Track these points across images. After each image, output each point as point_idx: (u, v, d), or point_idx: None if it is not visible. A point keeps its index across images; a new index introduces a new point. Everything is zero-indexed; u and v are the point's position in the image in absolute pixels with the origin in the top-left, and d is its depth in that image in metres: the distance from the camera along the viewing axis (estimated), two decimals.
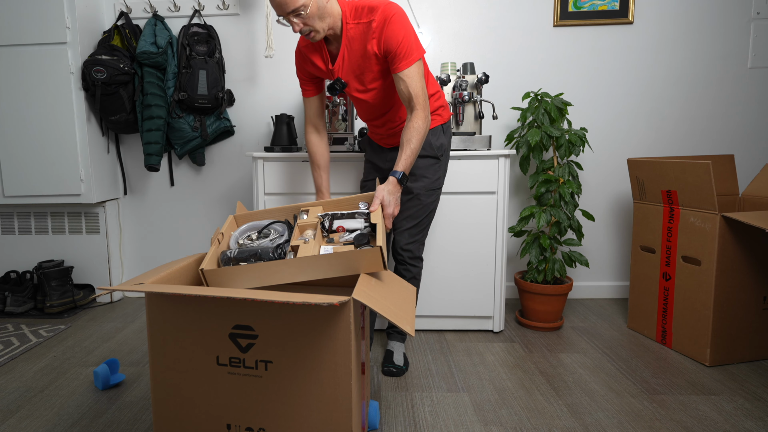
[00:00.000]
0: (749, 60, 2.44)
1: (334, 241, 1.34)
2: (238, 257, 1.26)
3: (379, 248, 1.18)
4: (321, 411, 1.08)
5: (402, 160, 1.48)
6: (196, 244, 2.69)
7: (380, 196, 1.43)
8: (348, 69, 1.57)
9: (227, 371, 1.11)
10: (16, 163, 2.37)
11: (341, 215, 1.41)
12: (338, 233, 1.38)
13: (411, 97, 1.49)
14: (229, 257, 1.27)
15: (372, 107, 1.65)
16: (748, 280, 1.80)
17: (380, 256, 1.19)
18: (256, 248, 1.27)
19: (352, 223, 1.38)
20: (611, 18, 2.43)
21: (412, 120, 1.48)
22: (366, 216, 1.39)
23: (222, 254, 1.30)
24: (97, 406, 1.57)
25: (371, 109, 1.66)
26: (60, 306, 2.41)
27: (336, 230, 1.38)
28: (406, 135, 1.48)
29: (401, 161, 1.48)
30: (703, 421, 1.45)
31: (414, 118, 1.49)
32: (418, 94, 1.49)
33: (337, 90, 1.58)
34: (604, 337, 2.08)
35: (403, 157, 1.48)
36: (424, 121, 1.49)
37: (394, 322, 1.05)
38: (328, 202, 1.49)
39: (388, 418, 1.50)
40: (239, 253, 1.27)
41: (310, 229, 1.37)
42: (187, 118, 2.44)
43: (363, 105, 1.66)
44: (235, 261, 1.27)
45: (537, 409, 1.53)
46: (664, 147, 2.53)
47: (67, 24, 2.27)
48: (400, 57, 1.46)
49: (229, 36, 2.52)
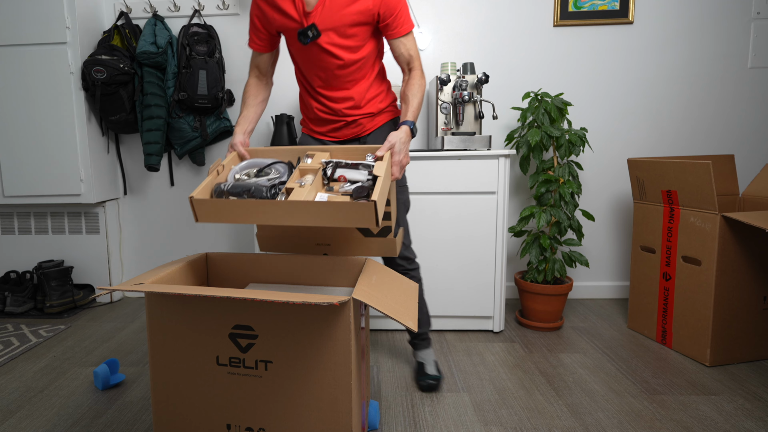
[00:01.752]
0: (749, 60, 2.44)
1: (333, 190, 1.28)
2: (231, 191, 1.24)
3: (373, 203, 1.10)
4: (321, 411, 1.08)
5: (411, 111, 1.44)
6: (196, 244, 2.69)
7: (392, 141, 1.35)
8: (327, 17, 1.43)
9: (227, 371, 1.11)
10: (16, 163, 2.37)
11: (345, 164, 1.33)
12: (339, 182, 1.31)
13: (412, 58, 1.50)
14: (222, 190, 1.25)
15: (339, 70, 1.50)
16: (749, 280, 1.79)
17: (373, 211, 1.11)
18: (251, 185, 1.24)
19: (355, 174, 1.30)
20: (611, 18, 2.43)
21: (414, 78, 1.48)
22: (371, 168, 1.31)
23: (216, 186, 1.28)
24: (97, 406, 1.57)
25: (336, 74, 1.51)
26: (60, 306, 2.41)
27: (337, 179, 1.31)
28: (411, 90, 1.47)
29: (410, 112, 1.44)
30: (703, 421, 1.45)
31: (416, 76, 1.49)
32: (418, 56, 1.51)
33: (308, 38, 1.44)
34: (604, 337, 2.08)
35: (411, 109, 1.45)
36: (424, 80, 1.51)
37: (396, 319, 1.05)
38: (337, 149, 1.41)
39: (388, 418, 1.50)
40: (233, 187, 1.24)
41: (310, 174, 1.31)
42: (187, 118, 2.44)
43: (327, 65, 1.50)
44: (227, 195, 1.23)
45: (537, 409, 1.53)
46: (664, 147, 2.52)
47: (67, 24, 2.27)
48: (401, 21, 1.47)
49: (229, 36, 2.52)
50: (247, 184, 1.24)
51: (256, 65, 1.60)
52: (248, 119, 1.54)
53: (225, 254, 1.43)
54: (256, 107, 1.57)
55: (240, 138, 1.48)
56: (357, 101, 1.55)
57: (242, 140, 1.48)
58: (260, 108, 1.59)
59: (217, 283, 1.45)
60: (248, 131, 1.52)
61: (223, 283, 1.45)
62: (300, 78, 1.60)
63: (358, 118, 1.57)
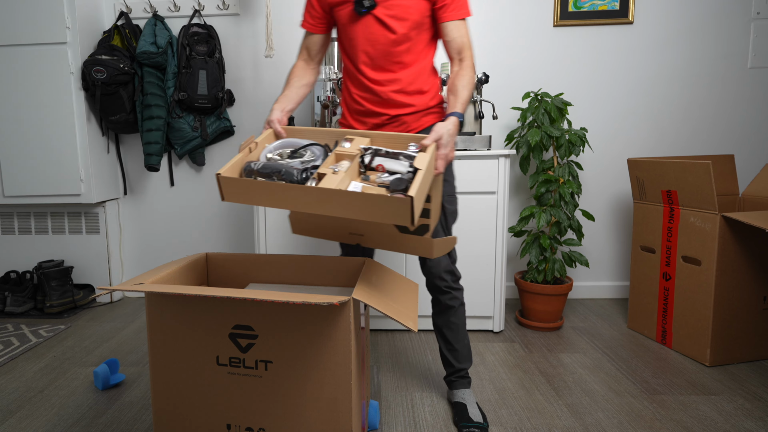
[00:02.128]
0: (749, 60, 2.44)
1: (369, 180, 1.19)
2: (261, 171, 1.16)
3: (409, 199, 1.00)
4: (321, 411, 1.08)
5: (460, 102, 1.32)
6: (196, 244, 2.69)
7: (439, 132, 1.23)
8: None
9: (227, 371, 1.11)
10: (16, 163, 2.37)
11: (385, 153, 1.23)
12: (376, 172, 1.21)
13: (463, 48, 1.37)
14: (251, 169, 1.18)
15: (391, 46, 1.39)
16: (749, 280, 1.79)
17: (409, 208, 1.01)
18: (282, 166, 1.15)
19: (394, 164, 1.20)
20: (611, 18, 2.43)
21: (465, 68, 1.36)
22: (413, 160, 1.20)
23: (246, 164, 1.20)
24: (97, 406, 1.57)
25: (387, 50, 1.39)
26: (60, 306, 2.41)
27: (375, 168, 1.21)
28: (461, 81, 1.34)
29: (459, 103, 1.32)
30: (703, 421, 1.45)
31: (467, 67, 1.36)
32: (470, 46, 1.39)
33: (364, 8, 1.36)
34: (604, 337, 2.08)
35: (460, 101, 1.32)
36: (475, 73, 1.39)
37: (397, 320, 1.05)
38: (379, 136, 1.30)
39: (388, 418, 1.50)
40: (263, 167, 1.17)
41: (346, 160, 1.22)
42: (187, 118, 2.44)
43: (378, 39, 1.39)
44: (259, 174, 1.16)
45: (537, 409, 1.53)
46: (664, 147, 2.52)
47: (67, 24, 2.27)
48: (459, 4, 1.37)
49: (229, 36, 2.52)
50: (277, 165, 1.16)
51: (306, 47, 1.51)
52: (289, 98, 1.43)
53: (225, 254, 1.43)
54: (299, 89, 1.47)
55: (278, 115, 1.37)
56: (403, 85, 1.41)
57: (279, 117, 1.37)
58: (303, 91, 1.48)
59: (217, 283, 1.45)
60: (287, 110, 1.41)
61: (223, 283, 1.45)
62: (346, 63, 1.48)
63: (403, 112, 1.43)
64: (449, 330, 1.53)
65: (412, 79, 1.42)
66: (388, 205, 1.02)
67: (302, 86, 1.48)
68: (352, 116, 1.50)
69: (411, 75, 1.41)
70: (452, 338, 1.54)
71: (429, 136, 1.22)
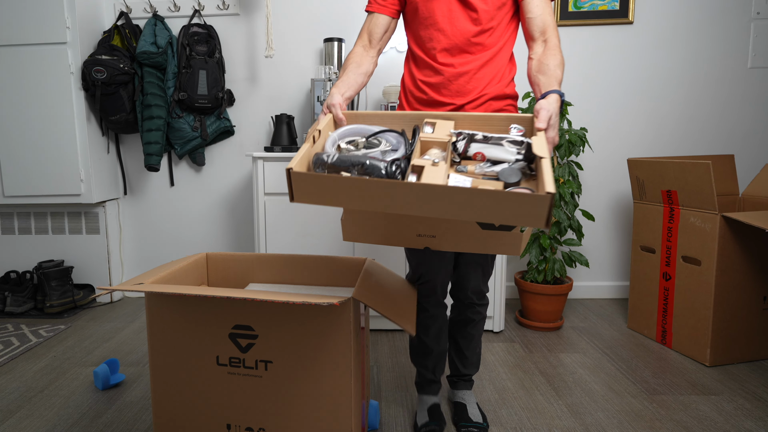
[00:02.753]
0: (749, 60, 2.44)
1: (467, 171, 1.02)
2: (338, 164, 0.98)
3: (549, 197, 0.82)
4: (321, 411, 1.08)
5: (555, 81, 1.15)
6: (196, 244, 2.69)
7: (550, 111, 1.05)
8: None
9: (227, 371, 1.11)
10: (16, 163, 2.37)
11: (483, 138, 1.04)
12: (474, 162, 1.04)
13: (547, 27, 1.22)
14: (324, 161, 1.00)
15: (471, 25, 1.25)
16: (748, 280, 1.79)
17: (547, 207, 0.83)
18: (362, 157, 0.98)
19: (498, 152, 1.02)
20: (611, 18, 2.43)
21: (552, 50, 1.19)
22: (520, 146, 1.02)
23: (316, 156, 1.02)
24: (97, 406, 1.57)
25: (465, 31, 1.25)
26: (60, 306, 2.41)
27: (472, 157, 1.05)
28: (551, 59, 1.17)
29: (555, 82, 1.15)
30: (704, 421, 1.45)
31: (554, 46, 1.19)
32: (555, 27, 1.23)
33: None
34: (604, 337, 2.08)
35: (554, 79, 1.16)
36: (563, 59, 1.21)
37: (396, 322, 1.05)
38: (464, 118, 1.13)
39: (388, 418, 1.50)
40: (339, 160, 0.99)
41: (436, 148, 1.06)
42: (187, 118, 2.44)
43: (457, 18, 1.26)
44: (334, 168, 0.99)
45: (537, 409, 1.53)
46: (664, 147, 2.52)
47: (67, 24, 2.27)
48: None
49: (229, 36, 2.52)
50: (357, 158, 0.98)
51: (368, 31, 1.35)
52: (348, 84, 1.27)
53: (225, 254, 1.43)
54: (358, 76, 1.30)
55: (338, 99, 1.19)
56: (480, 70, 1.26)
57: (341, 102, 1.19)
58: (361, 79, 1.31)
59: (217, 283, 1.45)
60: (347, 97, 1.25)
61: (223, 283, 1.45)
62: (412, 47, 1.34)
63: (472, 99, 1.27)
64: (463, 339, 1.49)
65: (491, 63, 1.27)
66: (520, 205, 0.83)
67: (361, 74, 1.31)
68: (411, 107, 1.35)
69: (489, 59, 1.26)
70: (464, 346, 1.50)
71: (540, 116, 1.04)
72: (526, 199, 0.82)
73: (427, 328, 1.44)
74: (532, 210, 0.84)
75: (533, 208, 0.83)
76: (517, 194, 0.83)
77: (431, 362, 1.47)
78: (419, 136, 1.06)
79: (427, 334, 1.45)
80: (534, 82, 1.19)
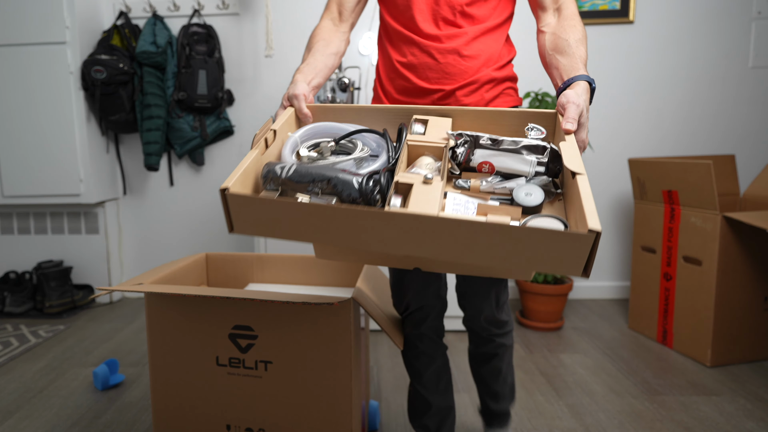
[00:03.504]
0: (750, 59, 2.44)
1: (470, 188, 0.77)
2: (296, 179, 0.72)
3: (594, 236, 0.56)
4: (321, 411, 1.08)
5: (580, 62, 0.90)
6: (196, 244, 2.68)
7: (579, 105, 0.81)
8: None
9: (227, 371, 1.11)
10: (15, 163, 2.36)
11: (492, 142, 0.78)
12: (479, 175, 0.80)
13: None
14: (277, 175, 0.73)
15: None
16: (749, 280, 1.79)
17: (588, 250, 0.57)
18: (328, 169, 0.73)
19: (511, 161, 0.77)
20: (611, 18, 2.42)
21: (569, 20, 0.96)
22: (541, 153, 0.76)
23: (267, 168, 0.75)
24: (97, 407, 1.57)
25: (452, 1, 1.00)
26: (59, 306, 2.41)
27: (477, 168, 0.80)
28: (571, 35, 0.93)
29: (580, 63, 0.90)
30: (704, 421, 1.45)
31: (570, 18, 0.96)
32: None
33: None
34: (604, 338, 2.08)
35: (579, 60, 0.91)
36: (583, 26, 0.97)
37: (386, 332, 1.04)
38: (465, 113, 0.87)
39: (388, 418, 1.49)
40: (297, 173, 0.73)
41: (429, 156, 0.80)
42: (187, 118, 2.44)
43: None
44: (290, 185, 0.73)
45: (537, 410, 1.53)
46: (665, 147, 2.52)
47: (66, 23, 2.26)
48: None
49: (228, 36, 2.52)
50: (322, 169, 0.73)
51: (338, 2, 1.10)
52: (315, 69, 1.00)
53: (225, 254, 1.43)
54: (327, 58, 1.04)
55: (303, 88, 0.93)
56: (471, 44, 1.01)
57: (306, 92, 0.94)
58: (332, 61, 1.05)
59: (217, 283, 1.45)
60: (315, 85, 0.99)
61: (223, 283, 1.44)
62: (387, 21, 1.07)
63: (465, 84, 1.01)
64: (490, 374, 1.19)
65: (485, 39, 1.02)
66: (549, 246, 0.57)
67: (330, 55, 1.05)
68: (389, 98, 1.07)
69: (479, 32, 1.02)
70: (492, 380, 1.20)
71: (568, 113, 0.80)
72: (560, 238, 0.56)
73: (420, 375, 1.15)
74: (567, 253, 0.57)
75: (568, 251, 0.57)
76: (545, 232, 0.56)
77: (432, 422, 1.17)
78: (406, 139, 0.81)
79: (421, 382, 1.15)
80: (550, 63, 0.94)
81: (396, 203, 0.69)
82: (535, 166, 0.76)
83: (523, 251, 0.59)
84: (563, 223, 0.63)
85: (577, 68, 0.89)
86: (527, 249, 0.59)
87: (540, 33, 0.99)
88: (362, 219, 0.63)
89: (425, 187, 0.70)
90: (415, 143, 0.80)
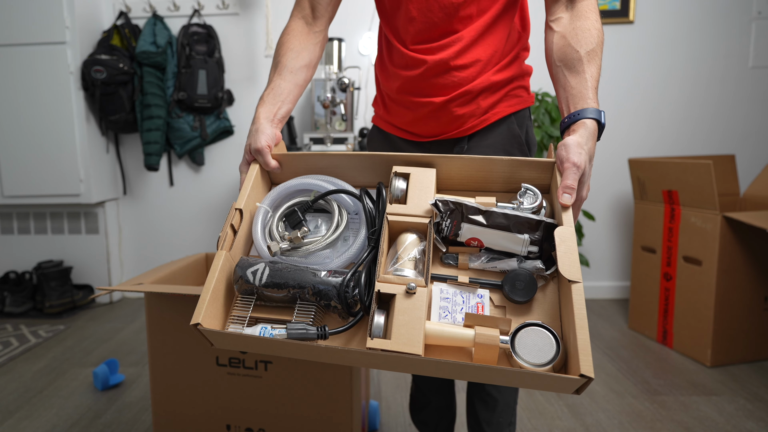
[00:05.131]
0: (750, 60, 2.44)
1: (458, 265, 0.72)
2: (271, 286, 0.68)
3: (585, 381, 0.56)
4: (321, 411, 1.08)
5: (588, 86, 0.79)
6: (196, 244, 2.68)
7: (580, 164, 0.69)
8: None
9: (227, 371, 1.11)
10: (16, 163, 2.36)
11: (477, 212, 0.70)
12: (467, 250, 0.73)
13: None
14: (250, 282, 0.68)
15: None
16: (749, 280, 1.79)
17: (581, 387, 0.58)
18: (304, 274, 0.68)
19: (500, 239, 0.70)
20: (612, 18, 2.42)
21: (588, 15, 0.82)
22: (535, 227, 0.69)
23: (239, 271, 0.69)
24: (97, 407, 1.57)
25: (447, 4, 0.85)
26: (59, 306, 2.41)
27: (465, 243, 0.73)
28: (587, 39, 0.81)
29: (588, 89, 0.78)
30: (704, 421, 1.45)
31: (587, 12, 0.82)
32: None
33: None
34: (604, 338, 2.08)
35: (591, 82, 0.79)
36: (601, 23, 0.84)
37: None
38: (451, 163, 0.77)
39: (388, 418, 1.49)
40: (271, 280, 0.68)
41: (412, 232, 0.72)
42: (187, 118, 2.44)
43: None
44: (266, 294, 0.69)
45: (537, 410, 1.53)
46: (665, 147, 2.52)
47: (66, 23, 2.26)
48: None
49: (228, 36, 2.52)
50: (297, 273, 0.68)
51: None
52: (278, 95, 0.87)
53: None
54: (295, 75, 0.89)
55: (266, 138, 0.81)
56: (464, 45, 0.87)
57: (269, 140, 0.82)
58: (301, 76, 0.90)
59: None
60: (280, 118, 0.86)
61: None
62: (381, 27, 0.98)
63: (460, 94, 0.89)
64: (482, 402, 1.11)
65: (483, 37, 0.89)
66: (538, 384, 0.60)
67: (300, 69, 0.90)
68: (386, 105, 0.99)
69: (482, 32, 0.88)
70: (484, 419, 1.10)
71: (566, 182, 0.68)
72: (548, 381, 0.58)
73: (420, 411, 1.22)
74: (557, 386, 0.59)
75: (558, 386, 0.59)
76: (533, 375, 0.58)
77: (431, 419, 1.21)
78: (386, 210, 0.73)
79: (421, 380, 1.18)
80: (557, 78, 0.82)
81: (380, 320, 0.64)
82: (528, 245, 0.69)
83: (512, 381, 0.61)
84: (554, 338, 0.61)
85: (586, 97, 0.76)
86: (517, 381, 0.60)
87: (548, 29, 0.85)
88: (343, 357, 0.63)
89: (409, 301, 0.64)
90: (396, 219, 0.72)
